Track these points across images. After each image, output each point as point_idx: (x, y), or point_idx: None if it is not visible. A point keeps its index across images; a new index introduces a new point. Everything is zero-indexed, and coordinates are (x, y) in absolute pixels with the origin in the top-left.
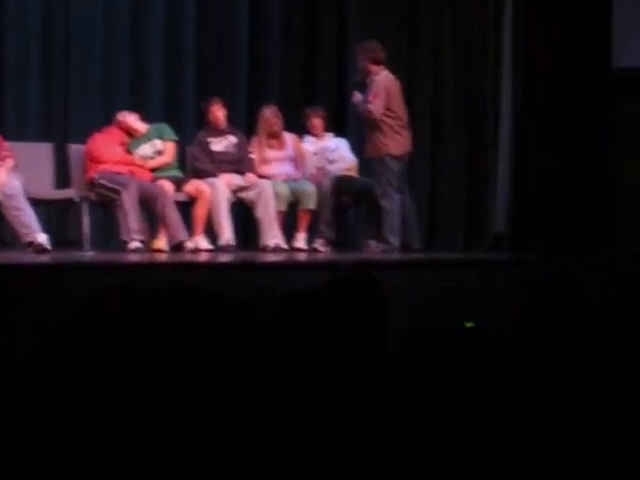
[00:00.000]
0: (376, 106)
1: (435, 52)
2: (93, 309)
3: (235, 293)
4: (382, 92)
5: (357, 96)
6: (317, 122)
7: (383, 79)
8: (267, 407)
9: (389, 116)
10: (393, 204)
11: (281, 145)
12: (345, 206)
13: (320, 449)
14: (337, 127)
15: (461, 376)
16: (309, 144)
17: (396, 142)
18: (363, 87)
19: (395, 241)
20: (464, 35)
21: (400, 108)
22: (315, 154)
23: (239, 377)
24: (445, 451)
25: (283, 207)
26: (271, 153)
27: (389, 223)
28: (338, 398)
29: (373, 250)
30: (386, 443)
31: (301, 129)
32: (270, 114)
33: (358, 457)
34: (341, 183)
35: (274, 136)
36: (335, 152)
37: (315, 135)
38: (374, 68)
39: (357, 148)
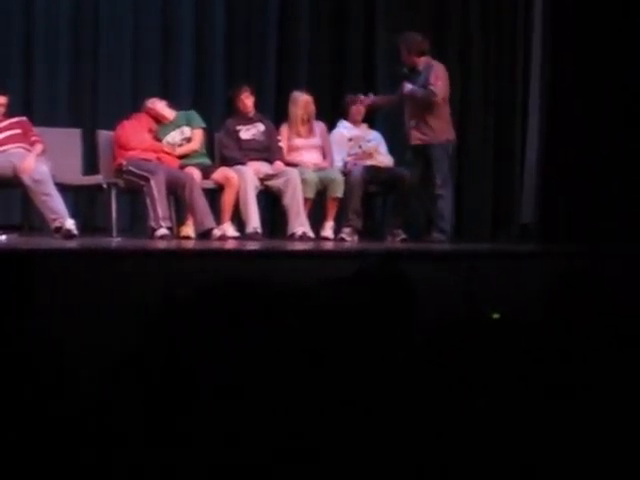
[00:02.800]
0: (440, 89)
1: (463, 39)
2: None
3: (262, 281)
4: (444, 77)
5: (407, 86)
6: (360, 109)
7: (441, 67)
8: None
9: (445, 102)
10: (450, 193)
11: (310, 132)
12: (372, 195)
13: (345, 440)
14: (366, 116)
15: (488, 367)
16: (345, 129)
17: (451, 129)
18: (410, 79)
19: (449, 230)
20: (493, 21)
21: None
22: (350, 140)
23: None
24: (476, 442)
25: (311, 194)
26: (299, 141)
27: (447, 212)
28: (365, 389)
29: (432, 239)
30: (414, 435)
31: (332, 115)
32: (307, 99)
33: (387, 450)
34: (370, 172)
35: (304, 123)
36: (370, 143)
37: (354, 121)
38: (422, 59)
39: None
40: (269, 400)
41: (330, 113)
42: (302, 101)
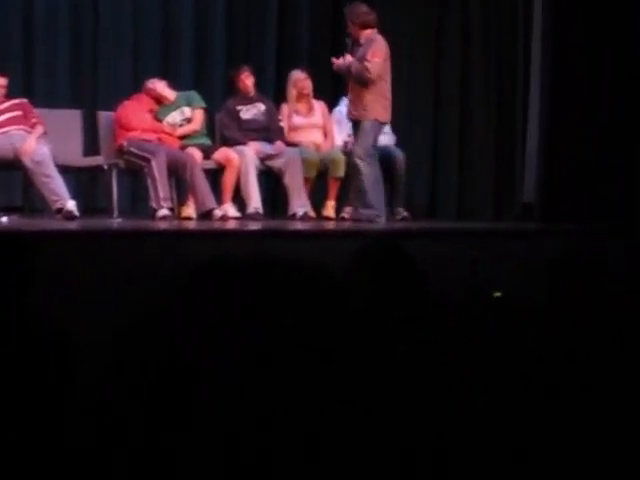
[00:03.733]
0: (375, 65)
1: (464, 19)
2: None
3: (265, 262)
4: (382, 54)
5: (347, 57)
6: None
7: (382, 42)
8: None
9: (382, 79)
10: (372, 170)
11: (310, 111)
12: None
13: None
14: None
15: (488, 346)
16: (346, 108)
17: (384, 108)
18: (352, 51)
19: (366, 207)
20: (493, 6)
21: (389, 74)
22: None
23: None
24: (479, 420)
25: (312, 174)
26: (300, 120)
27: (365, 189)
28: (368, 368)
29: (353, 217)
30: (420, 411)
31: (334, 95)
32: (299, 76)
33: (392, 431)
34: None
35: (301, 100)
36: None
37: None
38: (365, 32)
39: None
40: (275, 379)
41: (332, 92)
42: (295, 78)
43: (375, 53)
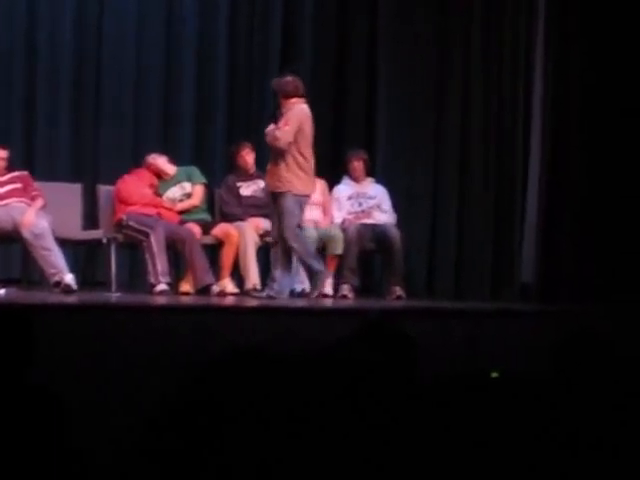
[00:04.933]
0: (285, 133)
1: (464, 92)
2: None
3: (261, 339)
4: (294, 122)
5: (270, 126)
6: (358, 165)
7: (298, 111)
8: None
9: (297, 150)
10: (305, 246)
11: None
12: (370, 253)
13: None
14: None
15: (485, 426)
16: (346, 187)
17: (299, 180)
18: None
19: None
20: (494, 79)
21: (308, 146)
22: (349, 198)
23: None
24: None
25: None
26: None
27: (307, 266)
28: (367, 442)
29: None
30: None
31: (333, 173)
32: None
33: None
34: (366, 230)
35: None
36: (372, 200)
37: (354, 179)
38: (289, 101)
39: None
40: (284, 454)
41: (331, 171)
42: None
43: (287, 122)
